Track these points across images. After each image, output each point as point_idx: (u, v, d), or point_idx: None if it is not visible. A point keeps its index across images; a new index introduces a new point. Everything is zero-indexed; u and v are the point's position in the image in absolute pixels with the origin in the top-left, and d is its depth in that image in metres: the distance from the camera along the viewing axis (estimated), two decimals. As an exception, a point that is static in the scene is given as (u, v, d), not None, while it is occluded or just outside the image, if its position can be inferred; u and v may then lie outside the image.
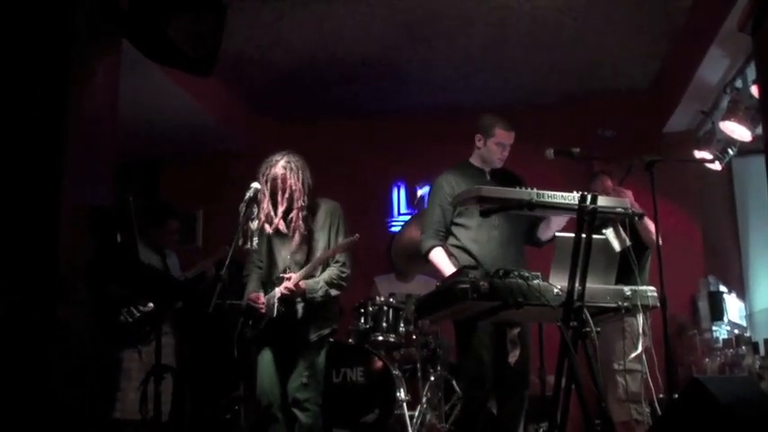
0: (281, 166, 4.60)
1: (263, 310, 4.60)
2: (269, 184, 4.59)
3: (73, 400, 3.79)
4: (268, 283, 4.71)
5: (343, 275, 4.67)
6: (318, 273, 4.64)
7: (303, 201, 4.60)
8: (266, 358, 4.62)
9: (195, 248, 7.95)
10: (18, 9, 3.94)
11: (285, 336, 4.59)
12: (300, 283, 4.52)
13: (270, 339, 4.63)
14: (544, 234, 4.69)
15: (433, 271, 4.74)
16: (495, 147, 4.73)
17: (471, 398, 4.60)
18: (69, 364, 3.78)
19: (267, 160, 4.66)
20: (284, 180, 4.58)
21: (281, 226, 4.60)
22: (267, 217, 4.61)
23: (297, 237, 4.62)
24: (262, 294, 4.66)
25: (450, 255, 4.62)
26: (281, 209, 4.59)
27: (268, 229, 4.63)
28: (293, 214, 4.59)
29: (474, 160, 4.86)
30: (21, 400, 3.58)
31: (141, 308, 5.53)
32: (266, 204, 4.60)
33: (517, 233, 4.71)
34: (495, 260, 4.37)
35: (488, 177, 4.77)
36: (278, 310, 4.56)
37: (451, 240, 4.67)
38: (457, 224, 4.66)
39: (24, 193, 3.78)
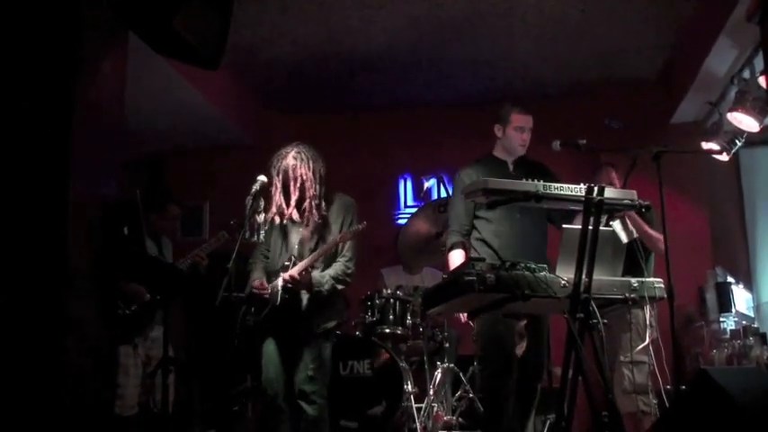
0: (291, 156, 4.61)
1: (267, 295, 4.59)
2: (281, 176, 4.60)
3: (83, 393, 3.81)
4: (273, 272, 4.71)
5: (349, 271, 4.66)
6: (323, 263, 4.63)
7: (315, 190, 4.61)
8: (270, 348, 4.62)
9: (202, 241, 7.95)
10: (24, 1, 3.95)
11: (290, 326, 4.58)
12: (305, 273, 4.51)
13: (274, 329, 4.62)
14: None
15: (445, 267, 4.72)
16: (513, 132, 4.71)
17: (497, 388, 4.49)
18: (79, 358, 3.79)
19: (278, 153, 4.67)
20: (295, 170, 4.58)
21: (295, 215, 4.61)
22: (279, 209, 4.61)
23: (310, 225, 4.63)
24: (265, 281, 4.66)
25: (472, 249, 4.62)
26: (293, 198, 4.59)
27: (278, 220, 4.63)
28: (306, 203, 4.59)
29: (497, 152, 4.83)
30: (31, 393, 3.59)
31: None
32: (278, 196, 4.61)
33: (539, 226, 4.68)
34: (516, 253, 4.27)
35: (511, 169, 4.74)
36: (281, 298, 4.55)
37: (474, 234, 4.67)
38: (479, 217, 4.65)
39: (32, 186, 3.78)
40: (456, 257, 4.62)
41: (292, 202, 4.60)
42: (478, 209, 4.63)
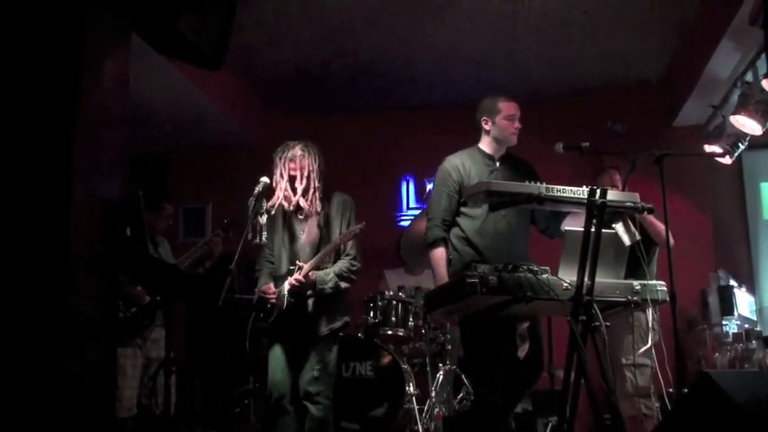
0: (299, 148, 4.69)
1: (274, 301, 4.61)
2: (287, 165, 4.65)
3: (84, 395, 3.81)
4: (279, 277, 4.72)
5: (353, 268, 4.68)
6: (329, 264, 4.65)
7: (319, 183, 4.68)
8: (277, 351, 4.63)
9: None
10: (28, 1, 3.95)
11: (296, 329, 4.60)
12: (310, 274, 4.54)
13: (281, 332, 4.64)
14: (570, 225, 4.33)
15: (431, 266, 4.56)
16: (505, 122, 4.54)
17: (488, 405, 4.28)
18: (82, 357, 3.79)
19: (284, 144, 4.74)
20: (302, 159, 4.66)
21: (303, 203, 4.65)
22: (286, 198, 4.64)
23: (312, 221, 4.65)
24: (272, 286, 4.68)
25: (451, 246, 4.45)
26: (300, 187, 4.64)
27: (287, 206, 4.67)
28: (311, 194, 4.65)
29: (484, 146, 4.62)
30: (32, 394, 3.59)
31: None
32: (284, 185, 4.65)
33: (522, 226, 4.53)
34: (500, 254, 4.17)
35: (498, 164, 4.57)
36: (288, 302, 4.56)
37: (455, 231, 4.46)
38: (463, 213, 4.45)
39: (35, 186, 3.79)
40: (440, 258, 4.43)
41: (299, 191, 4.64)
42: (464, 204, 4.43)
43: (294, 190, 4.66)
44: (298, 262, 4.63)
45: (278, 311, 4.60)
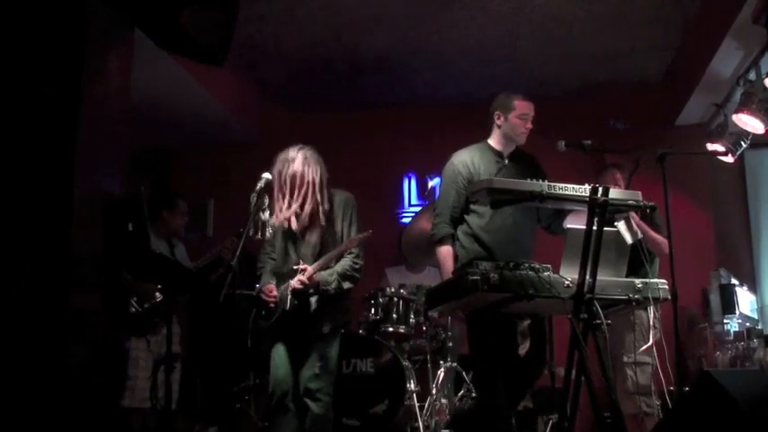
0: (298, 162, 4.57)
1: (273, 305, 4.60)
2: (288, 182, 4.56)
3: (86, 387, 3.82)
4: (282, 276, 4.70)
5: (357, 267, 4.66)
6: (333, 264, 4.64)
7: (322, 194, 4.59)
8: (280, 350, 4.61)
9: (205, 238, 7.97)
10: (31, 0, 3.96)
11: (299, 328, 4.58)
12: (314, 275, 4.52)
13: (283, 331, 4.62)
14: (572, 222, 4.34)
15: (437, 262, 4.60)
16: (517, 120, 4.55)
17: (490, 402, 4.30)
18: (83, 351, 3.81)
19: (283, 156, 4.62)
20: (302, 177, 4.55)
21: (305, 222, 4.57)
22: (285, 217, 4.58)
23: (314, 229, 4.62)
24: (274, 287, 4.66)
25: (458, 243, 4.48)
26: (304, 206, 4.54)
27: (286, 225, 4.61)
28: (311, 208, 4.57)
29: (493, 142, 4.64)
30: (35, 387, 3.60)
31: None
32: (283, 201, 4.57)
33: (529, 223, 4.56)
34: (506, 250, 4.21)
35: (506, 161, 4.59)
36: (291, 303, 4.55)
37: (463, 227, 4.50)
38: (470, 210, 4.48)
39: (38, 182, 3.80)
40: (447, 255, 4.47)
41: (299, 211, 4.56)
42: (472, 201, 4.43)
43: (295, 211, 4.55)
44: (301, 264, 4.61)
45: (281, 311, 4.59)
